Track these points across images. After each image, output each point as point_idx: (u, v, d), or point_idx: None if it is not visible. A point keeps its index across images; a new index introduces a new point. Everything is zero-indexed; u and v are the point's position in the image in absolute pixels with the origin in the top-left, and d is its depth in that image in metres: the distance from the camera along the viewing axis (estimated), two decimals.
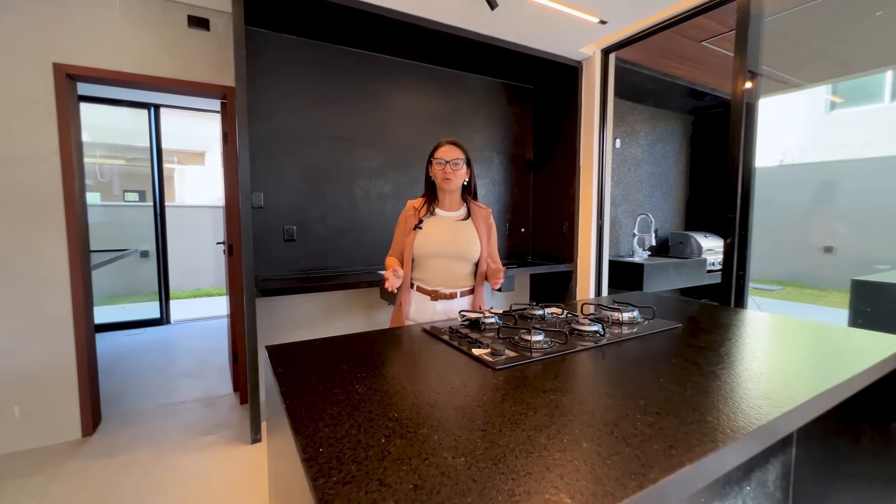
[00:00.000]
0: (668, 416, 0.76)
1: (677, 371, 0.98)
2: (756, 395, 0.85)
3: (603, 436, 0.69)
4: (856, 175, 5.49)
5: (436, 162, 1.62)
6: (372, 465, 0.61)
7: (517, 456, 0.64)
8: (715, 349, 1.15)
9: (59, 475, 1.92)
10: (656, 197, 4.61)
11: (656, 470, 0.60)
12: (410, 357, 1.13)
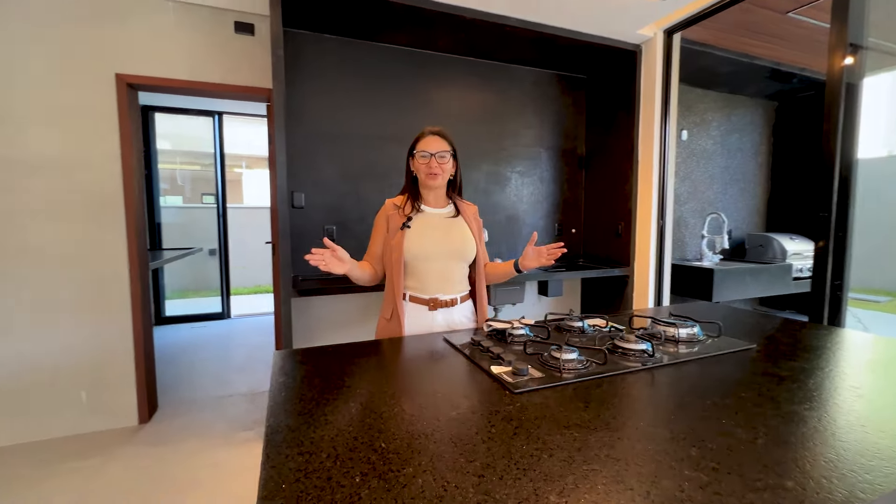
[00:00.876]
0: (728, 476, 0.57)
1: (747, 409, 0.78)
2: (861, 453, 0.63)
3: (636, 498, 0.53)
4: None
5: (419, 154, 1.42)
6: None
7: None
8: (801, 381, 0.91)
9: (113, 459, 2.04)
10: (731, 194, 4.11)
11: None
12: (421, 371, 1.01)
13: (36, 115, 2.11)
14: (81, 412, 2.29)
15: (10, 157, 2.08)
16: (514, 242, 3.23)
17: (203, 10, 2.36)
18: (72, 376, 2.25)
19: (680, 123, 3.76)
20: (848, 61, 1.98)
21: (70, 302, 2.22)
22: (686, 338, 1.17)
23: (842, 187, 1.95)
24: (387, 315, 1.42)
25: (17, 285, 2.14)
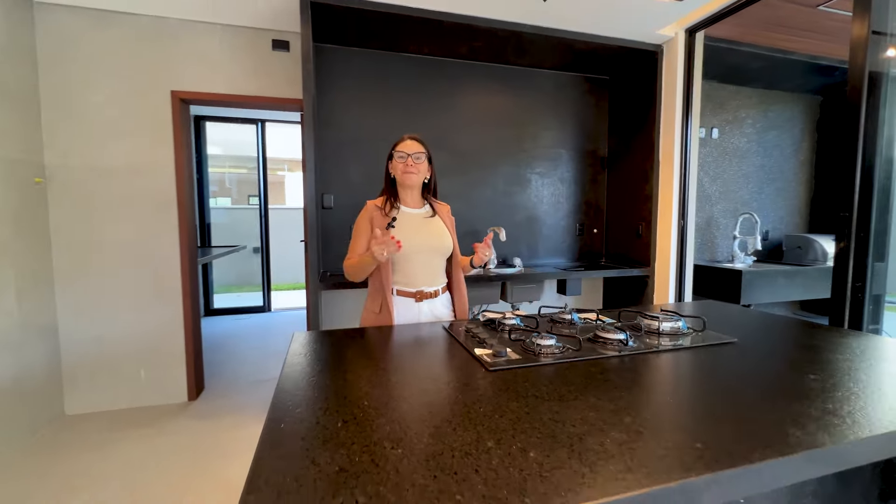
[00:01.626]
0: (648, 438, 0.67)
1: (694, 389, 0.85)
2: (751, 424, 0.70)
3: (558, 449, 0.64)
4: None
5: (397, 155, 1.56)
6: (315, 446, 0.65)
7: (453, 456, 0.62)
8: (760, 369, 0.97)
9: (165, 430, 2.33)
10: (767, 194, 3.96)
11: (595, 491, 0.54)
12: (413, 352, 1.15)
13: (108, 129, 2.44)
14: (140, 388, 2.61)
15: (89, 165, 2.42)
16: (534, 242, 3.30)
17: (244, 31, 2.62)
18: (133, 356, 2.58)
19: (710, 121, 3.68)
20: (884, 53, 1.92)
21: (133, 291, 2.55)
22: (669, 331, 1.24)
23: (864, 185, 1.90)
24: (375, 309, 1.53)
25: (94, 275, 2.48)
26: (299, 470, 0.59)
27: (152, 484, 1.86)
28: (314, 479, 0.57)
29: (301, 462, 0.61)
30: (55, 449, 2.14)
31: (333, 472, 0.58)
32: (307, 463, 0.60)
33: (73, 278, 2.45)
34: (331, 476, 0.57)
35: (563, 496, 0.53)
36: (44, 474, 1.93)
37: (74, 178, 2.41)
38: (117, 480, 1.89)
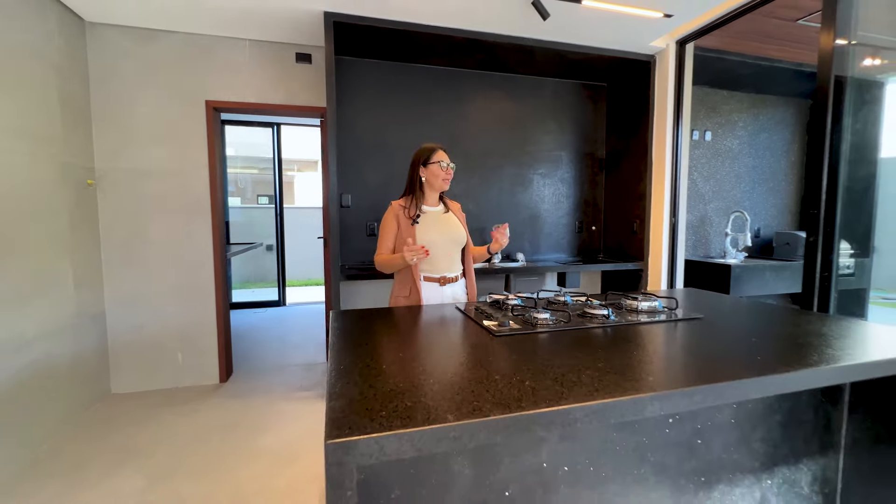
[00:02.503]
0: (612, 374, 0.90)
1: (658, 348, 1.09)
2: (695, 368, 0.94)
3: (546, 380, 0.87)
4: None
5: (439, 165, 1.79)
6: (370, 377, 0.89)
7: (470, 383, 0.86)
8: (715, 335, 1.20)
9: (203, 407, 2.59)
10: (759, 193, 4.17)
11: (568, 401, 0.77)
12: (435, 323, 1.39)
13: (150, 135, 2.70)
14: (178, 370, 2.87)
15: (134, 168, 2.69)
16: (536, 238, 3.54)
17: (271, 46, 2.87)
18: (171, 342, 2.84)
19: (704, 124, 3.89)
20: (838, 60, 2.13)
21: (172, 283, 2.81)
22: (647, 309, 1.47)
23: (830, 184, 2.12)
24: (405, 293, 1.77)
25: (138, 268, 2.74)
26: (362, 389, 0.83)
27: (196, 452, 2.12)
28: (373, 394, 0.81)
29: (361, 387, 0.85)
30: (107, 421, 2.40)
31: (386, 391, 0.83)
32: (366, 387, 0.85)
33: (119, 271, 2.71)
34: (384, 393, 0.82)
35: (547, 404, 0.76)
36: (100, 442, 2.19)
37: (120, 181, 2.67)
38: (165, 448, 2.15)
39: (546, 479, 1.08)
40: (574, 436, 1.09)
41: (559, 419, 0.75)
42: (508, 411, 0.73)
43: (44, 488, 1.82)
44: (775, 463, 1.32)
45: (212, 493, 1.79)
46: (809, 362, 0.97)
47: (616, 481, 1.14)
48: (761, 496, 1.31)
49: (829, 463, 1.39)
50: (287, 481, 1.85)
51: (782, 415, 1.32)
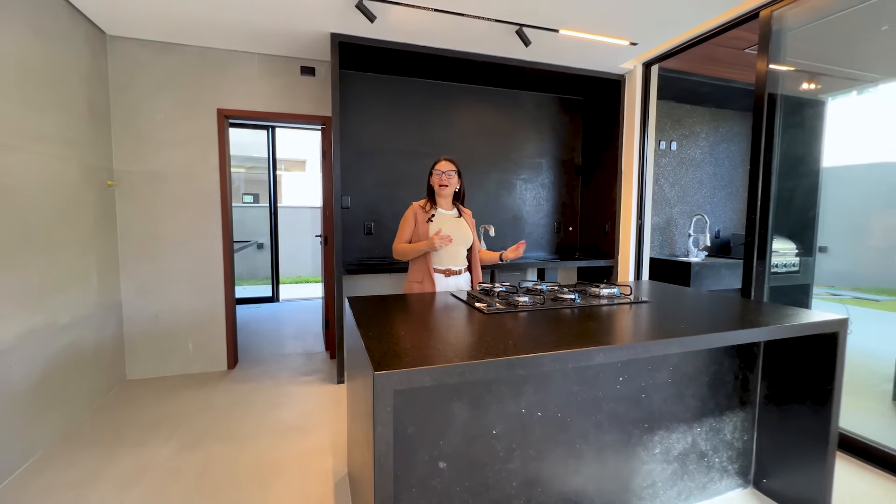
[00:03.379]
0: (572, 337, 1.23)
1: (610, 321, 1.42)
2: (633, 333, 1.27)
3: (525, 342, 1.19)
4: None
5: (435, 173, 2.16)
6: (391, 339, 1.20)
7: (467, 344, 1.17)
8: (657, 313, 1.55)
9: (216, 390, 2.83)
10: (718, 198, 4.60)
11: (539, 351, 1.09)
12: (435, 306, 1.70)
13: (167, 139, 2.92)
14: (188, 357, 3.10)
15: (151, 170, 2.90)
16: (518, 237, 3.87)
17: (278, 59, 3.12)
18: (183, 331, 3.06)
19: (670, 135, 4.30)
20: (771, 80, 2.52)
21: (185, 276, 3.03)
22: (607, 294, 1.81)
23: (764, 191, 2.51)
24: (419, 279, 2.15)
25: (153, 263, 2.96)
26: (389, 346, 1.13)
27: (218, 424, 2.37)
28: (397, 349, 1.11)
29: (388, 344, 1.15)
30: (131, 400, 2.62)
31: (406, 347, 1.13)
32: (391, 344, 1.15)
33: (135, 265, 2.92)
34: (404, 348, 1.12)
35: (525, 352, 1.08)
36: (129, 417, 2.41)
37: (137, 182, 2.89)
38: (189, 421, 2.39)
39: (524, 421, 1.40)
40: (546, 388, 1.42)
41: (532, 363, 1.07)
42: (497, 356, 1.05)
43: (87, 454, 2.05)
44: (704, 415, 1.68)
45: (237, 455, 2.05)
46: (716, 328, 1.31)
47: (578, 425, 1.48)
48: (692, 440, 1.67)
49: (747, 415, 1.76)
50: (303, 447, 2.13)
51: (709, 377, 1.68)
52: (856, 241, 5.02)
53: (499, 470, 1.38)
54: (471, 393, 1.33)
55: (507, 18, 2.54)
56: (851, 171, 5.25)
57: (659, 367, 1.58)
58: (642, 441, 1.58)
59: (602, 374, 1.50)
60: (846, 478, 1.88)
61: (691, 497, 1.70)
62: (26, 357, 2.00)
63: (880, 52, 2.90)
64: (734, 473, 1.76)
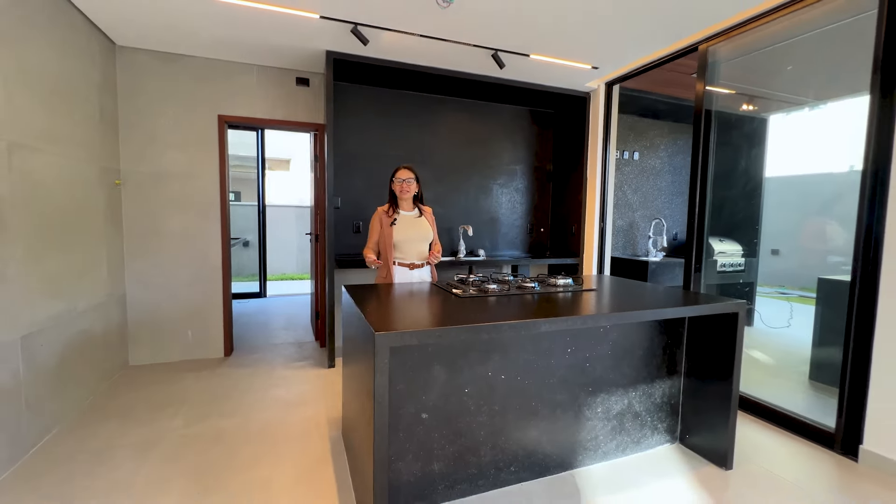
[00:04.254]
0: (528, 313, 1.58)
1: (560, 304, 1.78)
2: (574, 310, 1.63)
3: (492, 318, 1.53)
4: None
5: (396, 180, 2.45)
6: (384, 312, 1.52)
7: (447, 317, 1.50)
8: (597, 299, 1.92)
9: (215, 374, 3.08)
10: (676, 204, 5.07)
11: (499, 320, 1.43)
12: (418, 291, 2.03)
13: (171, 142, 3.15)
14: (188, 345, 3.33)
15: (156, 170, 3.13)
16: (494, 237, 4.24)
17: (274, 70, 3.39)
18: (183, 320, 3.30)
19: (633, 146, 4.74)
20: (707, 99, 2.94)
21: (186, 269, 3.27)
22: (562, 285, 2.17)
23: (701, 199, 2.93)
24: (383, 274, 2.45)
25: (156, 256, 3.18)
26: (382, 316, 1.45)
27: (223, 400, 2.62)
28: (391, 318, 1.43)
29: (381, 315, 1.47)
30: (137, 382, 2.84)
31: (397, 317, 1.45)
32: (384, 315, 1.47)
33: (139, 259, 3.14)
34: (395, 318, 1.44)
35: (491, 320, 1.42)
36: (138, 396, 2.64)
37: (142, 182, 3.11)
38: (195, 399, 2.64)
39: (490, 383, 1.75)
40: (507, 356, 1.76)
41: (494, 329, 1.41)
42: (467, 323, 1.38)
43: (104, 427, 2.29)
44: (638, 382, 2.06)
45: (244, 425, 2.33)
46: (640, 307, 1.69)
47: (535, 386, 1.83)
48: (628, 403, 2.04)
49: (674, 383, 2.15)
50: (301, 418, 2.42)
51: (643, 351, 2.06)
52: (801, 244, 5.61)
53: (469, 421, 1.72)
54: (448, 358, 1.66)
55: (484, 44, 2.89)
56: (794, 181, 5.86)
57: (600, 342, 1.95)
58: (587, 402, 1.95)
59: (554, 345, 1.86)
60: (755, 435, 2.30)
61: (627, 450, 2.07)
62: (51, 339, 2.23)
63: (803, 80, 3.38)
64: (663, 431, 2.15)
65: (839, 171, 3.55)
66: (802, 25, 2.50)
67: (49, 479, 1.84)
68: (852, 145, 2.21)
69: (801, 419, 2.32)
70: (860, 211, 2.06)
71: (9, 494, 1.74)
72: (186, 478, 1.86)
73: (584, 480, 1.88)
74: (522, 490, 1.80)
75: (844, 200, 2.58)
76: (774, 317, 4.76)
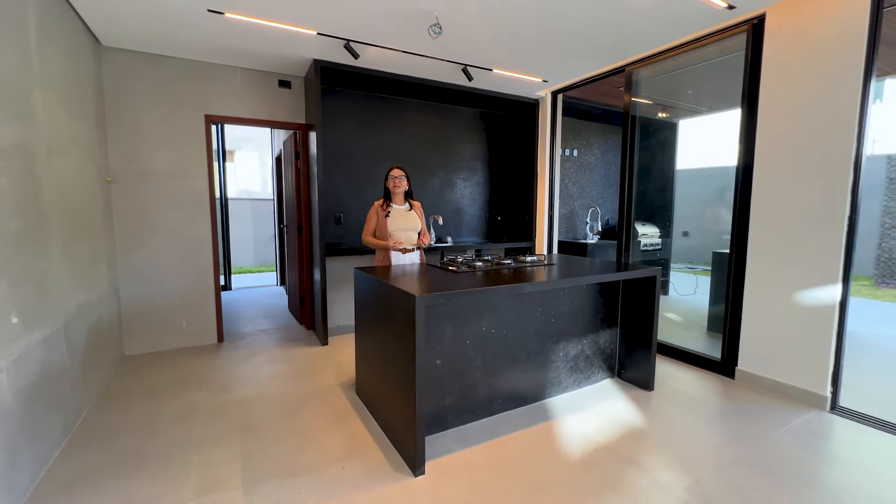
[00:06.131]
0: (511, 278, 2.13)
1: (530, 274, 2.36)
2: (541, 278, 2.23)
3: (480, 282, 2.06)
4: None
5: (390, 178, 2.89)
6: (414, 283, 2.00)
7: (446, 283, 2.01)
8: (557, 270, 2.53)
9: (217, 357, 3.33)
10: (607, 194, 5.93)
11: (487, 285, 1.97)
12: (425, 270, 2.51)
13: (159, 141, 3.29)
14: (182, 334, 3.52)
15: (146, 168, 3.26)
16: (459, 225, 4.78)
17: (258, 73, 3.62)
18: (176, 310, 3.47)
19: (573, 144, 5.49)
20: (633, 107, 3.67)
21: (177, 262, 3.44)
22: (529, 262, 2.77)
23: (629, 191, 3.68)
24: (381, 258, 2.91)
25: (150, 250, 3.32)
26: (409, 287, 1.93)
27: (238, 377, 2.92)
28: (415, 288, 1.92)
29: (409, 286, 1.95)
30: (147, 367, 3.02)
31: (421, 287, 1.94)
32: (412, 286, 1.95)
33: (132, 253, 3.27)
34: (421, 287, 1.93)
35: (481, 287, 1.95)
36: (154, 378, 2.85)
37: (133, 179, 3.23)
38: (210, 378, 2.90)
39: (484, 336, 2.29)
40: (495, 315, 2.32)
41: (484, 293, 1.95)
42: (466, 288, 1.91)
43: (134, 403, 2.52)
44: (587, 332, 2.71)
45: (264, 393, 2.67)
46: (590, 274, 2.31)
47: (517, 336, 2.41)
48: (581, 348, 2.70)
49: (613, 332, 2.84)
50: (315, 385, 2.80)
51: (591, 308, 2.72)
52: (705, 226, 6.76)
53: (470, 366, 2.26)
54: (454, 317, 2.18)
55: (456, 60, 3.37)
56: (698, 173, 7.01)
57: (562, 302, 2.57)
58: (553, 349, 2.57)
59: (528, 306, 2.44)
60: (668, 368, 3.08)
61: (581, 384, 2.73)
62: (78, 327, 2.41)
63: (700, 96, 4.26)
64: (606, 368, 2.85)
65: (731, 165, 4.53)
66: (698, 57, 3.27)
67: (108, 444, 2.10)
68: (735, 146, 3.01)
69: (699, 354, 3.15)
70: (735, 195, 2.87)
71: (82, 456, 1.98)
72: (236, 432, 2.21)
73: (552, 407, 2.50)
74: (509, 416, 2.38)
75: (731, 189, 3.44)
76: (684, 287, 5.83)
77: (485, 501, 1.69)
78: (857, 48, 2.27)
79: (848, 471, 1.90)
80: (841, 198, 2.35)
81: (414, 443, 1.82)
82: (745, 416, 2.39)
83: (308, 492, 1.74)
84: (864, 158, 2.32)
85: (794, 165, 2.54)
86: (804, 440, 2.14)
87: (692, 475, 1.85)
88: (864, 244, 7.59)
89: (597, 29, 2.87)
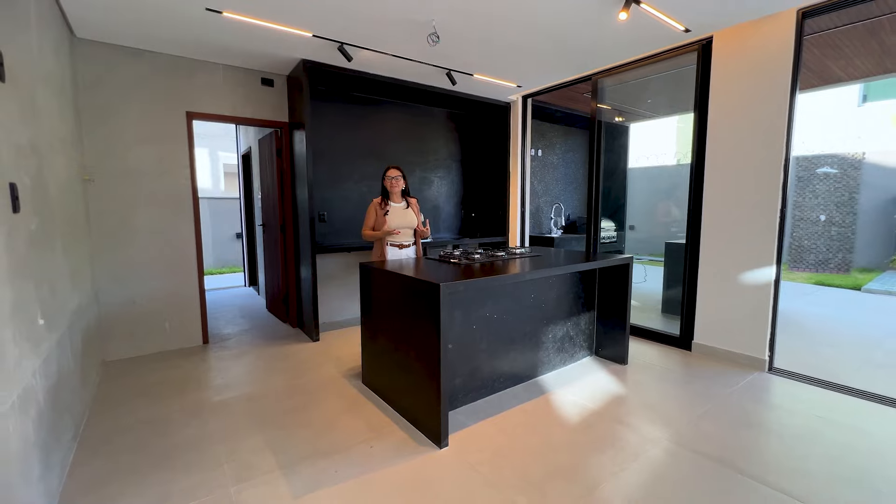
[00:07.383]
0: (502, 268, 2.37)
1: (521, 265, 2.63)
2: (533, 268, 2.50)
3: (479, 273, 2.29)
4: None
5: (387, 178, 3.07)
6: (428, 274, 2.18)
7: (447, 271, 2.22)
8: (543, 260, 2.82)
9: (207, 358, 3.28)
10: (570, 191, 6.39)
11: (486, 277, 2.20)
12: (430, 264, 2.68)
13: (139, 138, 3.18)
14: (165, 337, 3.42)
15: (124, 167, 3.13)
16: (436, 222, 4.97)
17: (240, 70, 3.59)
18: (158, 312, 3.38)
19: (538, 145, 5.86)
20: (598, 113, 4.06)
21: (159, 262, 3.34)
22: (518, 253, 3.03)
23: (597, 187, 4.06)
24: (378, 253, 3.07)
25: (130, 250, 3.20)
26: (428, 276, 2.11)
27: (238, 375, 2.92)
28: (433, 277, 2.10)
29: (424, 276, 2.13)
30: (134, 372, 2.93)
31: (437, 278, 2.12)
32: (429, 274, 2.13)
33: (109, 254, 3.14)
34: (438, 277, 2.12)
35: (482, 276, 2.18)
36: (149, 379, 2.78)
37: (110, 177, 3.10)
38: (209, 377, 2.89)
39: (488, 319, 2.52)
40: (496, 302, 2.55)
41: (487, 282, 2.18)
42: (472, 277, 2.13)
43: (134, 405, 2.48)
44: (571, 315, 3.03)
45: (269, 389, 2.72)
46: (565, 264, 2.61)
47: (514, 320, 2.66)
48: (566, 330, 3.01)
49: (591, 315, 3.19)
50: (320, 377, 2.88)
51: (574, 294, 3.03)
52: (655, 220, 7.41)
53: (476, 347, 2.47)
54: (463, 305, 2.38)
55: (442, 65, 3.56)
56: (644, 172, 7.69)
57: (550, 289, 2.86)
58: (543, 331, 2.85)
59: (522, 294, 2.70)
60: (638, 346, 3.49)
61: (566, 362, 3.05)
62: (76, 330, 2.34)
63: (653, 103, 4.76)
64: (586, 347, 3.18)
65: (676, 164, 5.07)
66: (656, 69, 3.70)
67: (124, 445, 2.09)
68: (683, 147, 3.45)
69: (661, 332, 3.59)
70: (689, 190, 3.31)
71: (100, 458, 1.97)
72: (253, 425, 2.28)
73: (544, 383, 2.79)
74: (510, 392, 2.63)
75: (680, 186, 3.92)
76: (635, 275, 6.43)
77: (508, 462, 1.92)
78: (784, 67, 2.74)
79: (785, 415, 2.34)
80: (774, 192, 2.83)
81: (438, 418, 2.01)
82: (704, 379, 2.81)
83: (345, 469, 1.88)
84: (792, 159, 2.81)
85: (738, 164, 3.00)
86: (751, 395, 2.58)
87: (672, 429, 2.20)
88: None
89: (570, 42, 3.18)
